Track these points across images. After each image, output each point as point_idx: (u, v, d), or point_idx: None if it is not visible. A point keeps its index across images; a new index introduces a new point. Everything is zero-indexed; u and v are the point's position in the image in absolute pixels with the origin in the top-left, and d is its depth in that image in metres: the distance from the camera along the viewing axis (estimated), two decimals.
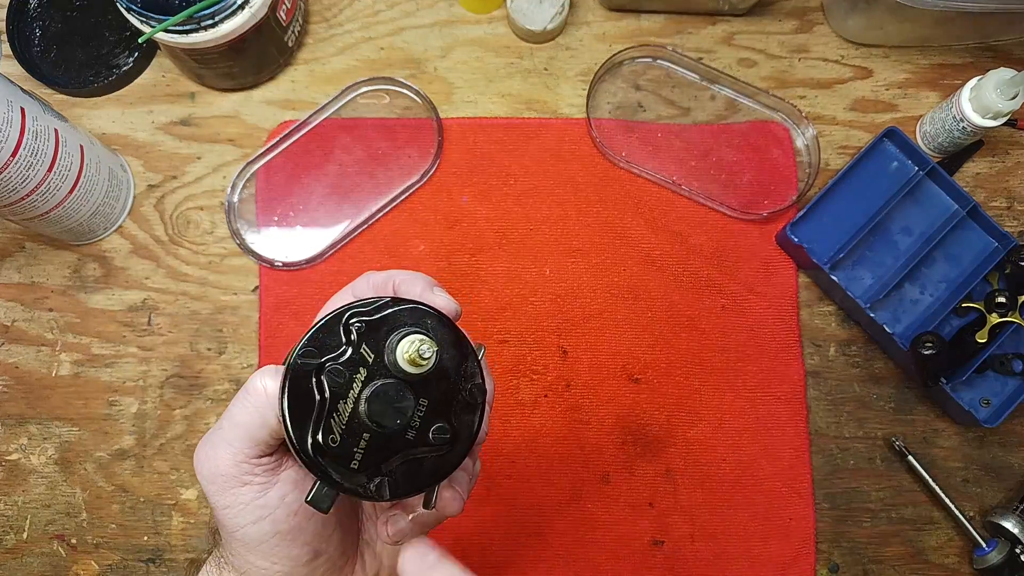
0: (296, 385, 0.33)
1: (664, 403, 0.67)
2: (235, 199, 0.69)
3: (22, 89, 0.57)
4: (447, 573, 0.34)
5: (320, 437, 0.33)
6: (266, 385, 0.35)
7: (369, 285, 0.39)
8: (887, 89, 0.72)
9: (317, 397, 0.33)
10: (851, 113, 0.72)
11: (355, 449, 0.33)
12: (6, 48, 0.70)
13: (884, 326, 0.64)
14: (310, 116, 0.70)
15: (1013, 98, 0.63)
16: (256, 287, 0.68)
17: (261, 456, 0.36)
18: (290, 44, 0.69)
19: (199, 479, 0.36)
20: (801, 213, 0.66)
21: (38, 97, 0.59)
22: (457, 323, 0.38)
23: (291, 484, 0.36)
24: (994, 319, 0.63)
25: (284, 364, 0.34)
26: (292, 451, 0.34)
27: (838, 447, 0.67)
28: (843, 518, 0.66)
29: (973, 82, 0.65)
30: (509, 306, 0.68)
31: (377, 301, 0.35)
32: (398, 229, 0.69)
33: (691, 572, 0.65)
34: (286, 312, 0.67)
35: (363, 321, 0.34)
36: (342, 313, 0.34)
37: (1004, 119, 0.65)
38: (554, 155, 0.70)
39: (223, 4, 0.59)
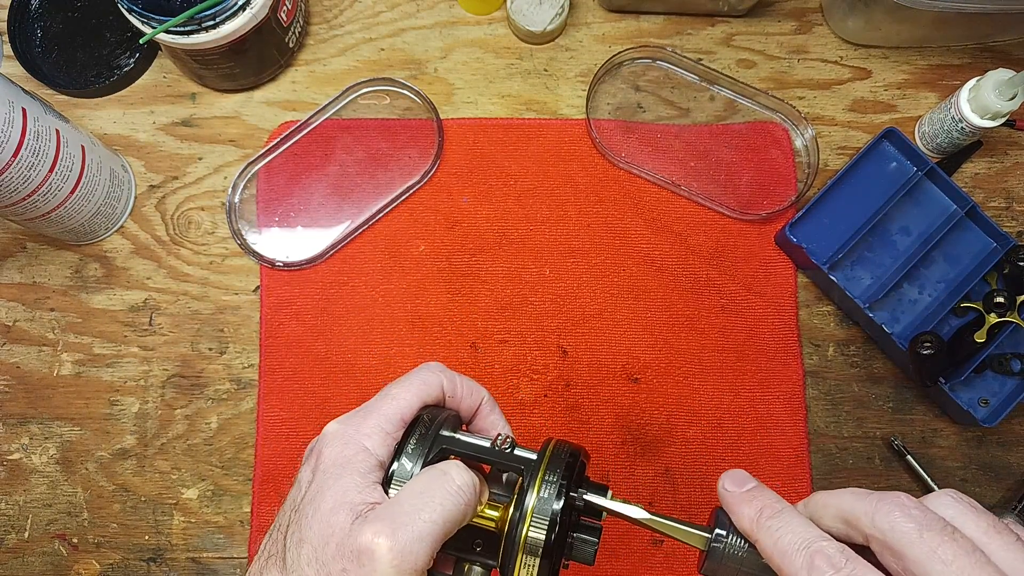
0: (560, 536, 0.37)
1: (663, 403, 0.67)
2: (236, 199, 0.69)
3: (23, 90, 0.57)
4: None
5: None
6: (475, 483, 0.36)
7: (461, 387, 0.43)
8: (886, 90, 0.73)
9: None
10: (850, 114, 0.72)
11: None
12: (7, 49, 0.70)
13: (883, 326, 0.64)
14: (311, 117, 0.70)
15: (1012, 99, 0.63)
16: (257, 287, 0.68)
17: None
18: (291, 45, 0.70)
19: (384, 573, 0.33)
20: (800, 213, 0.66)
21: (39, 98, 0.59)
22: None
23: None
24: (992, 319, 0.64)
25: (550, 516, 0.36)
26: None
27: (837, 447, 0.67)
28: None
29: (972, 83, 0.66)
30: (509, 306, 0.68)
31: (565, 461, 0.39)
32: (399, 229, 0.69)
33: (691, 572, 0.65)
34: (287, 312, 0.68)
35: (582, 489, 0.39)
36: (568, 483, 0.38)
37: (1003, 120, 0.65)
38: (554, 155, 0.70)
39: (224, 5, 0.59)
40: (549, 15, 0.70)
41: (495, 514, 0.39)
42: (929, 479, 0.66)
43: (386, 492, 0.37)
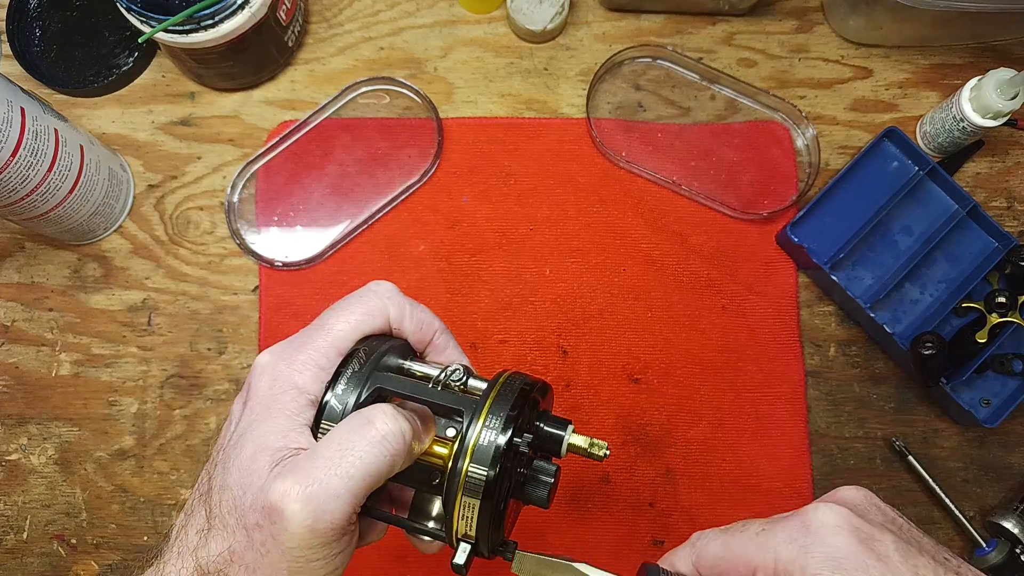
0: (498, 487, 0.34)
1: (664, 403, 0.67)
2: (235, 199, 0.69)
3: (22, 89, 0.57)
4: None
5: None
6: (403, 430, 0.33)
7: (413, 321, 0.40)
8: (887, 89, 0.72)
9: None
10: (851, 113, 0.72)
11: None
12: (6, 48, 0.70)
13: (884, 326, 0.64)
14: (310, 116, 0.70)
15: (1013, 98, 0.63)
16: (256, 287, 0.68)
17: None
18: (290, 44, 0.69)
19: (295, 533, 0.31)
20: (801, 213, 0.66)
21: (38, 97, 0.59)
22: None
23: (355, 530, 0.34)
24: (994, 319, 0.63)
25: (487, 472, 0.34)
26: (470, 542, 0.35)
27: (838, 447, 0.67)
28: None
29: (973, 82, 0.65)
30: (509, 306, 0.68)
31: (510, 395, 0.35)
32: (398, 229, 0.69)
33: None
34: (286, 312, 0.67)
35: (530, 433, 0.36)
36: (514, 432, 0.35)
37: (1004, 119, 0.65)
38: (554, 155, 0.70)
39: (223, 4, 0.59)
40: (549, 14, 0.70)
41: (444, 451, 0.36)
42: (930, 479, 0.65)
43: (315, 435, 0.35)
